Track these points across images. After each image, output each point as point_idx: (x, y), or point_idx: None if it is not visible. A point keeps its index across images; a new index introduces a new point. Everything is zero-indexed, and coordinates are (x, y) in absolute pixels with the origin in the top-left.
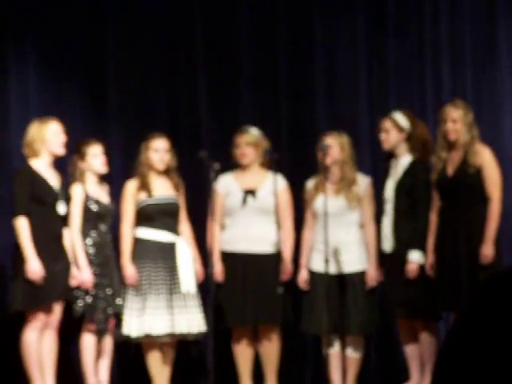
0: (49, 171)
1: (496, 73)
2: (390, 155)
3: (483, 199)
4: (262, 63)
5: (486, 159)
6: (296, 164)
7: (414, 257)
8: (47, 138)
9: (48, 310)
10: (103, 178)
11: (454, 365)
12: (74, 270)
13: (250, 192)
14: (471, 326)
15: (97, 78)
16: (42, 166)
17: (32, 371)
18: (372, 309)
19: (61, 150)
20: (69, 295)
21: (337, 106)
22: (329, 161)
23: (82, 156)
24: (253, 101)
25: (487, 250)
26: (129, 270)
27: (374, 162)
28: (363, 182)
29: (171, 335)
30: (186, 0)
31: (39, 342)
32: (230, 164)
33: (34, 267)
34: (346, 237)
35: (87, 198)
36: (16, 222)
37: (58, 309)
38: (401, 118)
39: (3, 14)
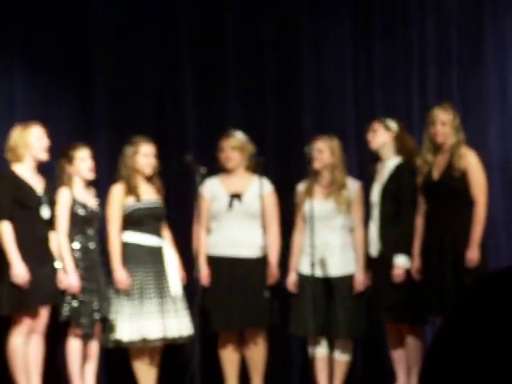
0: (32, 176)
1: (482, 74)
2: (377, 159)
3: (468, 203)
4: (248, 67)
5: (471, 163)
6: (282, 168)
7: (400, 261)
8: (30, 143)
9: (34, 314)
10: (90, 182)
11: (439, 368)
12: (60, 274)
13: (236, 196)
14: (457, 330)
15: (83, 81)
16: (25, 170)
17: (18, 376)
18: (359, 312)
19: (44, 155)
20: (56, 299)
21: (323, 110)
22: (319, 164)
23: (69, 160)
24: (239, 104)
25: (472, 254)
26: (120, 274)
27: (361, 166)
28: (353, 186)
29: (163, 339)
30: (172, 4)
31: (25, 346)
32: (216, 168)
33: (19, 271)
34: (334, 240)
35: (74, 202)
36: None
37: (44, 313)
38: (389, 121)
39: None
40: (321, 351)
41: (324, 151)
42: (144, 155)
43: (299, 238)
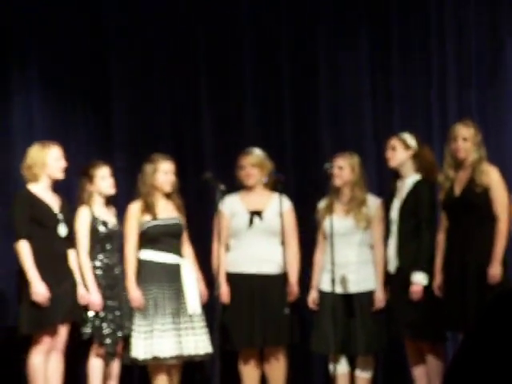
0: (48, 194)
1: (501, 93)
2: (397, 176)
3: (490, 219)
4: (266, 84)
5: (493, 179)
6: (300, 185)
7: (418, 278)
8: (47, 163)
9: (54, 332)
10: (109, 201)
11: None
12: (81, 290)
13: (257, 213)
14: (478, 346)
15: (101, 100)
16: (41, 189)
17: None
18: (379, 329)
19: (60, 175)
20: (76, 316)
21: (341, 127)
22: (339, 182)
23: (90, 179)
24: (257, 122)
25: (495, 270)
26: (134, 292)
27: (380, 183)
28: (373, 203)
29: (178, 357)
30: (188, 23)
31: (45, 364)
32: (234, 185)
33: (39, 290)
34: (354, 257)
35: (95, 220)
36: (17, 246)
37: (63, 331)
38: (408, 137)
39: (8, 38)
40: (342, 368)
41: (344, 168)
42: (164, 172)
43: (320, 256)
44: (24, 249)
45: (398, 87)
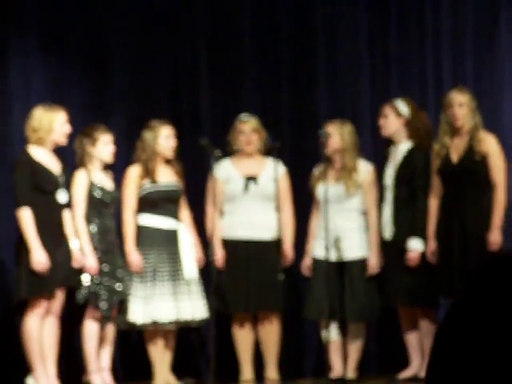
0: (50, 158)
1: (496, 62)
2: (390, 142)
3: (488, 186)
4: (263, 51)
5: (491, 147)
6: (296, 152)
7: (415, 245)
8: (54, 128)
9: (50, 296)
10: (106, 165)
11: (450, 346)
12: (76, 253)
13: (252, 178)
14: (467, 310)
15: (98, 64)
16: (43, 153)
17: (34, 358)
18: (372, 296)
19: (64, 141)
20: (72, 281)
21: (338, 94)
22: (329, 150)
23: (93, 141)
24: (254, 88)
25: (495, 237)
26: (134, 256)
27: (376, 149)
28: (364, 169)
29: (176, 322)
30: None
31: (41, 328)
32: (228, 151)
33: (40, 258)
34: (346, 224)
35: (91, 185)
36: (19, 213)
37: (59, 295)
38: (401, 105)
39: (5, 1)
40: (334, 335)
41: (333, 136)
42: (165, 137)
43: (315, 223)
44: (26, 216)
45: (395, 52)
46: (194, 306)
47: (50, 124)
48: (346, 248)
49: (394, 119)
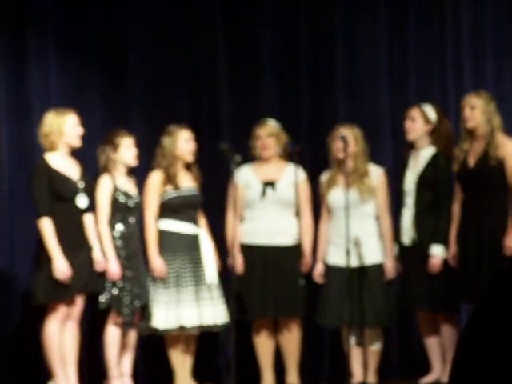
0: (67, 163)
1: None
2: (410, 146)
3: (505, 190)
4: (283, 55)
5: (508, 151)
6: (316, 156)
7: (437, 251)
8: (64, 131)
9: (70, 301)
10: (130, 171)
11: (473, 352)
12: (98, 257)
13: (270, 184)
14: (491, 313)
15: (118, 67)
16: (60, 158)
17: (54, 363)
18: (389, 301)
19: (78, 143)
20: (92, 288)
21: (358, 98)
22: (342, 154)
23: (115, 147)
24: (274, 93)
25: (510, 242)
26: (157, 262)
27: (395, 154)
28: (376, 174)
29: (199, 327)
30: None
31: (61, 333)
32: (250, 156)
33: (61, 267)
34: (361, 229)
35: (116, 190)
36: (40, 223)
37: (79, 301)
38: (429, 110)
39: (24, 2)
40: (353, 341)
41: (349, 140)
42: (185, 141)
43: (324, 229)
44: (47, 226)
45: (414, 57)
46: (215, 311)
47: (60, 127)
48: (359, 254)
49: (422, 124)
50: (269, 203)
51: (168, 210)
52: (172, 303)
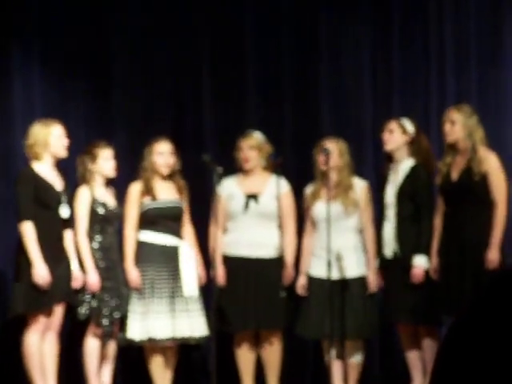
0: (51, 174)
1: (501, 75)
2: (389, 159)
3: (488, 204)
4: (266, 66)
5: (491, 166)
6: (300, 169)
7: (420, 262)
8: (49, 142)
9: (49, 312)
10: (109, 182)
11: (452, 363)
12: (76, 272)
13: (253, 196)
14: (471, 324)
15: (101, 79)
16: (45, 168)
17: (34, 374)
18: (370, 314)
19: (63, 153)
20: (71, 298)
21: (341, 111)
22: (328, 167)
23: (93, 158)
24: (257, 104)
25: (493, 255)
26: (132, 273)
27: (377, 167)
28: (359, 187)
29: (173, 339)
30: (190, 3)
31: (40, 344)
32: (234, 168)
33: (41, 272)
34: (343, 242)
35: (94, 201)
36: (22, 227)
37: (59, 311)
38: (407, 122)
39: (8, 15)
40: (334, 353)
41: (333, 153)
42: (160, 153)
43: (308, 241)
44: (28, 230)
45: (398, 71)
46: (192, 323)
47: (46, 138)
48: (342, 267)
49: (400, 135)
50: (252, 216)
51: (146, 221)
52: (145, 314)
